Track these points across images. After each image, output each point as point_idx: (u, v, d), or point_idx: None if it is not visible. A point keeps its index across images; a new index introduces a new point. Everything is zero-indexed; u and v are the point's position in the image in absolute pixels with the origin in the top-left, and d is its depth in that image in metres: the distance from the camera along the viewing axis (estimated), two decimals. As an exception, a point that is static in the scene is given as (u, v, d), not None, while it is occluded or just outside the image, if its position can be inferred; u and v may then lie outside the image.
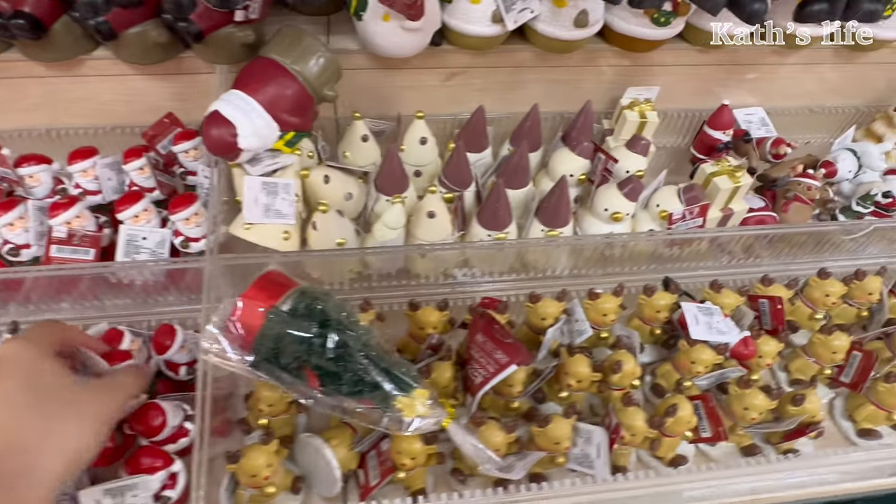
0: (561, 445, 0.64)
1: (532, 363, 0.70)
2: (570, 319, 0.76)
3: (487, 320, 0.71)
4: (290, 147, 0.70)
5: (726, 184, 0.76)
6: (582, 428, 0.67)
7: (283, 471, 0.64)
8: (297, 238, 0.71)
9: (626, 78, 0.91)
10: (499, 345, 0.67)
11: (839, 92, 0.99)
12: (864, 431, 0.75)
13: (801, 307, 0.83)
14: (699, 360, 0.71)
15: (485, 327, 0.69)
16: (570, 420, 0.65)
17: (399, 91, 0.85)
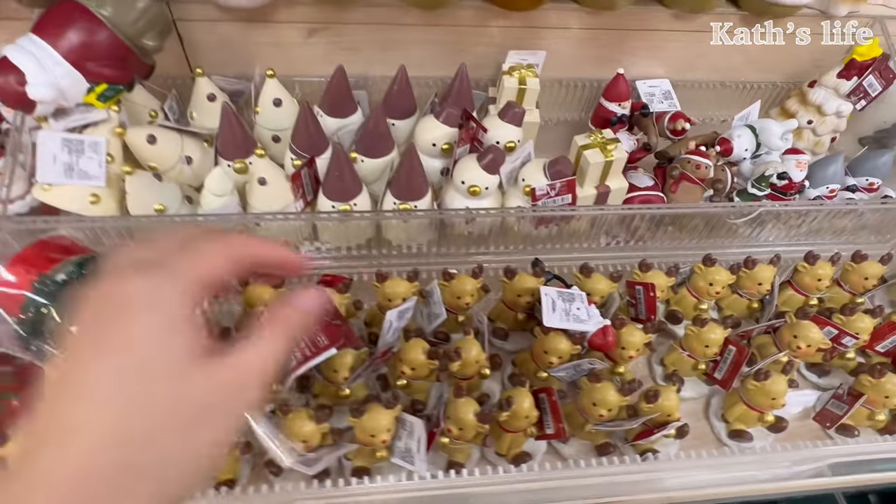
0: (377, 438, 0.58)
1: (360, 347, 0.64)
2: (428, 302, 0.70)
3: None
4: (103, 101, 0.64)
5: (597, 157, 0.69)
6: (406, 420, 0.61)
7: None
8: (113, 203, 0.65)
9: (518, 41, 0.83)
10: (323, 327, 0.61)
11: (756, 65, 0.91)
12: (735, 433, 0.69)
13: (686, 296, 0.76)
14: (553, 350, 0.65)
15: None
16: (392, 411, 0.59)
17: (258, 47, 0.78)
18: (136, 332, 0.25)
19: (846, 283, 0.78)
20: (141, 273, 0.26)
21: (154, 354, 0.25)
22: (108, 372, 0.25)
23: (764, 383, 0.65)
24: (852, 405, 0.68)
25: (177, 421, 0.25)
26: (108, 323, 0.26)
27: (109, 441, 0.24)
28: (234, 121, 0.68)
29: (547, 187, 0.68)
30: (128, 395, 0.24)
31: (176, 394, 0.25)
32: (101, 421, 0.24)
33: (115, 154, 0.65)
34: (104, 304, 0.26)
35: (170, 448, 0.25)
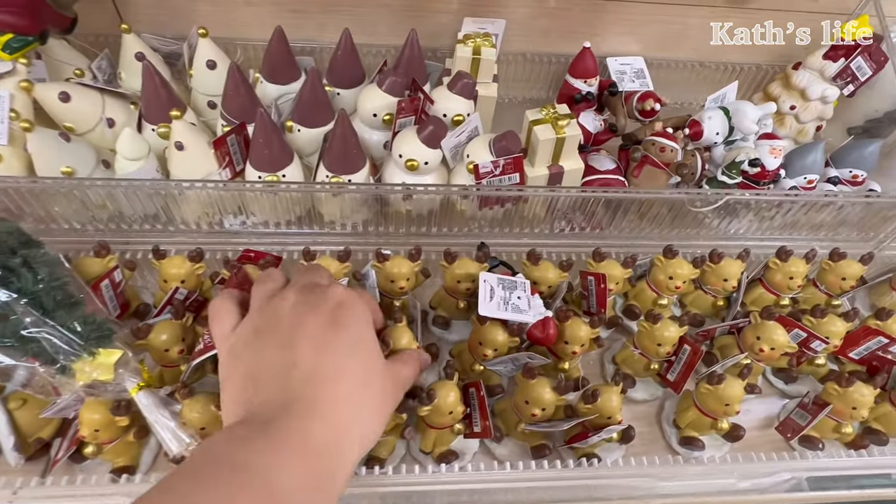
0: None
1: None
2: (363, 285, 0.65)
3: (239, 277, 0.59)
4: (8, 52, 0.59)
5: (547, 134, 0.63)
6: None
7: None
8: (17, 163, 0.60)
9: (479, 9, 0.77)
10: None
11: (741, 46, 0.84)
12: (686, 440, 0.63)
13: (644, 290, 0.70)
14: (488, 341, 0.60)
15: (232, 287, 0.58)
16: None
17: (198, 6, 0.73)
18: (352, 328, 0.42)
19: (822, 282, 0.72)
20: (344, 288, 0.45)
21: (364, 340, 0.43)
22: (343, 358, 0.40)
23: (717, 387, 0.59)
24: (817, 416, 0.62)
25: (373, 394, 0.41)
26: (331, 319, 0.41)
27: (352, 400, 0.39)
28: (156, 80, 0.63)
29: (491, 165, 0.62)
30: (358, 378, 0.40)
31: (376, 378, 0.42)
32: (346, 397, 0.39)
33: (22, 110, 0.60)
34: (321, 304, 0.42)
35: (371, 419, 0.41)
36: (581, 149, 0.73)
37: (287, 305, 0.41)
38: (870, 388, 0.61)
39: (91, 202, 0.62)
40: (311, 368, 0.38)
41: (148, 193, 0.61)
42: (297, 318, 0.40)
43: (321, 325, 0.40)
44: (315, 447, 0.35)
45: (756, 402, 0.69)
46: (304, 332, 0.39)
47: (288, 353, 0.38)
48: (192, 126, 0.63)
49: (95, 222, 0.65)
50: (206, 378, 0.63)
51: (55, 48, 0.68)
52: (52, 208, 0.63)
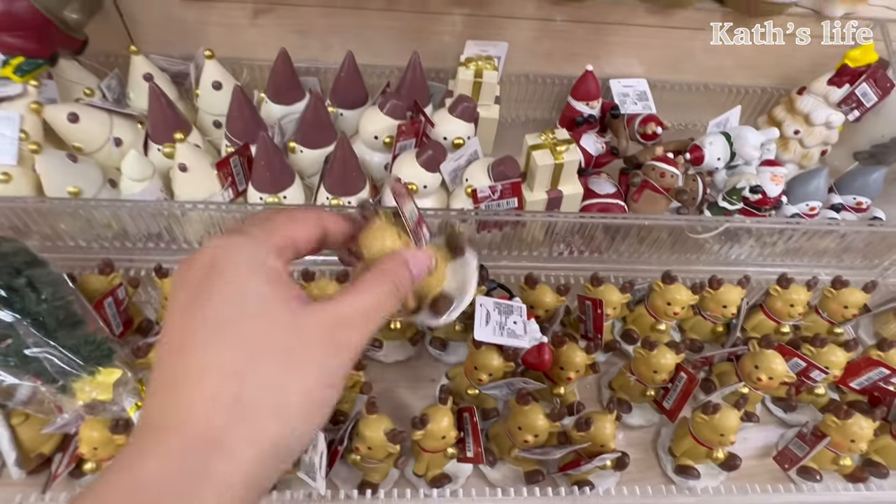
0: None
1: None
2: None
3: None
4: (20, 75, 0.60)
5: (546, 159, 0.63)
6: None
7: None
8: (27, 182, 0.62)
9: (483, 31, 0.78)
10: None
11: (747, 68, 0.84)
12: (681, 468, 0.63)
13: (643, 315, 0.70)
14: (483, 366, 0.60)
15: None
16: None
17: (205, 27, 0.75)
18: (223, 295, 0.27)
19: (824, 310, 0.71)
20: (221, 238, 0.29)
21: (245, 311, 0.27)
22: (207, 323, 0.27)
23: (712, 417, 0.58)
24: (814, 447, 0.61)
25: (270, 360, 0.27)
26: (200, 281, 0.28)
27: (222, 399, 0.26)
28: (163, 101, 0.65)
29: (489, 189, 0.62)
30: (226, 342, 0.27)
31: (266, 336, 0.27)
32: (209, 401, 0.26)
33: (31, 132, 0.61)
34: (193, 267, 0.29)
35: (264, 388, 0.26)
36: (582, 171, 0.73)
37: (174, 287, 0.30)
38: (869, 421, 0.60)
39: (96, 221, 0.63)
40: (170, 369, 0.27)
41: (152, 214, 0.62)
42: (170, 303, 0.29)
43: (182, 307, 0.28)
44: (151, 491, 0.24)
45: (754, 430, 0.68)
46: (168, 323, 0.28)
47: (158, 354, 0.29)
48: (196, 148, 0.64)
49: (100, 240, 0.66)
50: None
51: (66, 68, 0.69)
52: (59, 226, 0.64)
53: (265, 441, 0.26)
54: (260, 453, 0.26)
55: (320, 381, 0.28)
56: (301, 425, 0.27)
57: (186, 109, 0.75)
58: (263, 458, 0.26)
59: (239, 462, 0.25)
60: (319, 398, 0.28)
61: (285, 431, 0.27)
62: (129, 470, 0.25)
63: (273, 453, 0.26)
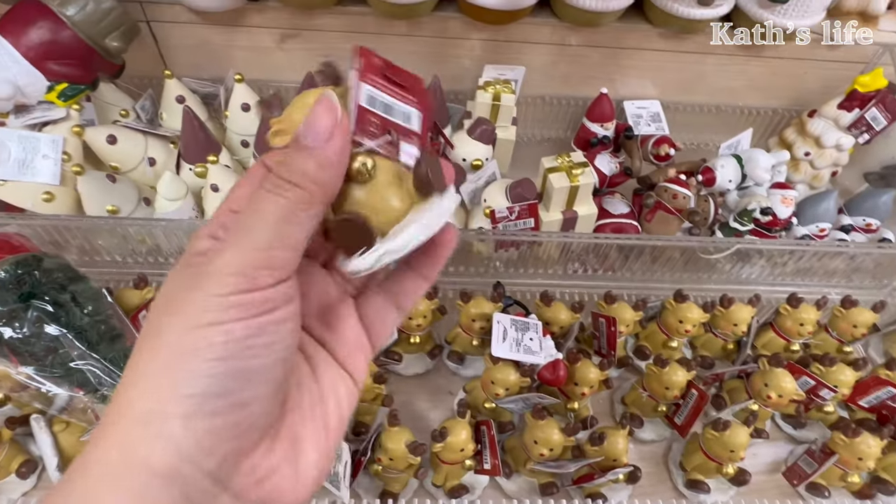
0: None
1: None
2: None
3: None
4: (63, 100, 0.64)
5: (562, 182, 0.65)
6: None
7: (15, 450, 0.59)
8: (68, 201, 0.65)
9: (501, 55, 0.81)
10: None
11: (758, 90, 0.86)
12: (692, 483, 0.65)
13: (655, 332, 0.72)
14: (500, 381, 0.62)
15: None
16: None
17: (234, 51, 0.78)
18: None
19: (834, 329, 0.73)
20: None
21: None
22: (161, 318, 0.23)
23: (722, 434, 0.60)
24: (823, 464, 0.63)
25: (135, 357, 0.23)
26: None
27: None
28: (195, 124, 0.68)
29: (507, 210, 0.65)
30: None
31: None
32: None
33: (73, 153, 0.65)
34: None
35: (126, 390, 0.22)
36: (596, 191, 0.75)
37: None
38: (877, 440, 0.62)
39: (132, 237, 0.67)
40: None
41: (185, 231, 0.65)
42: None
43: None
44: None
45: (764, 445, 0.70)
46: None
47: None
48: (226, 168, 0.67)
49: (135, 255, 0.69)
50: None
51: (103, 91, 0.73)
52: (97, 242, 0.68)
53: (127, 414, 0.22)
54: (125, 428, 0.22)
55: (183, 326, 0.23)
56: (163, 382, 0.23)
57: (215, 129, 0.78)
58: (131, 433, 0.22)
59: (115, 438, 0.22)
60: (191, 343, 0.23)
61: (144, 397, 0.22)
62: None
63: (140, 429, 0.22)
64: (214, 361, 0.21)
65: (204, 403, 0.21)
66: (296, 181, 0.23)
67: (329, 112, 0.23)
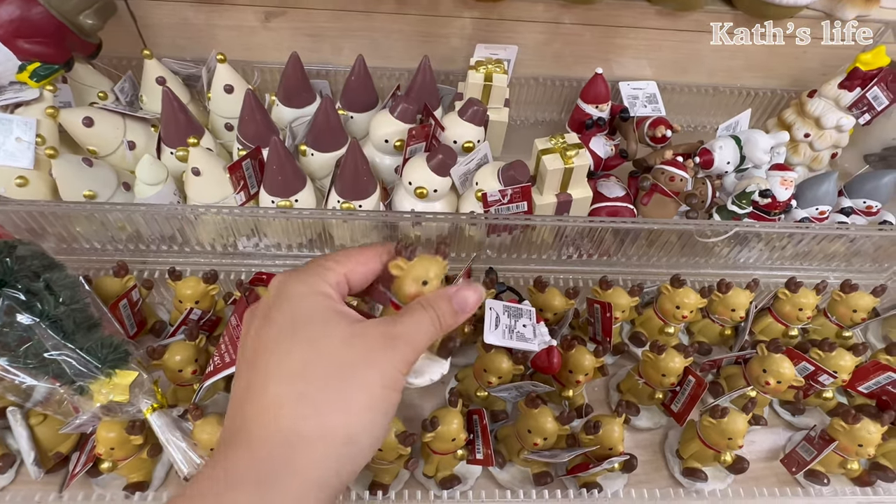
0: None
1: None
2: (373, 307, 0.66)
3: (251, 300, 0.61)
4: (36, 80, 0.61)
5: (556, 164, 0.63)
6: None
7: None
8: (43, 186, 0.63)
9: (493, 34, 0.78)
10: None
11: (756, 70, 0.84)
12: (689, 471, 0.63)
13: (652, 318, 0.70)
14: (493, 369, 0.61)
15: (243, 309, 0.60)
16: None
17: (217, 30, 0.75)
18: (286, 305, 0.32)
19: (833, 314, 0.72)
20: (283, 274, 0.34)
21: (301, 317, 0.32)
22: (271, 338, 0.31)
23: (720, 421, 0.59)
24: (822, 451, 0.62)
25: (330, 361, 0.30)
26: (269, 307, 0.33)
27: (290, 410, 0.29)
28: (176, 107, 0.65)
29: (499, 193, 0.63)
30: (288, 349, 0.31)
31: (324, 342, 0.31)
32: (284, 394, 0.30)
33: (47, 135, 0.62)
34: (262, 300, 0.34)
35: (326, 386, 0.30)
36: (591, 174, 0.73)
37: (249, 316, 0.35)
38: (877, 426, 0.60)
39: (111, 224, 0.64)
40: (244, 388, 0.31)
41: (165, 217, 0.63)
42: (244, 328, 0.35)
43: (256, 330, 0.33)
44: (240, 482, 0.28)
45: (762, 432, 0.69)
46: (242, 342, 0.34)
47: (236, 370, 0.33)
48: (208, 152, 0.64)
49: (115, 242, 0.67)
50: (217, 395, 0.65)
51: (80, 72, 0.70)
52: (74, 229, 0.65)
53: (333, 434, 0.29)
54: (329, 447, 0.29)
55: (379, 381, 0.31)
56: (366, 420, 0.30)
57: (198, 112, 0.75)
58: (333, 452, 0.29)
59: (310, 456, 0.29)
60: (381, 396, 0.31)
61: (351, 424, 0.30)
62: (216, 469, 0.29)
63: (342, 448, 0.29)
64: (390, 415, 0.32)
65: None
66: (447, 325, 0.34)
67: (478, 300, 0.35)
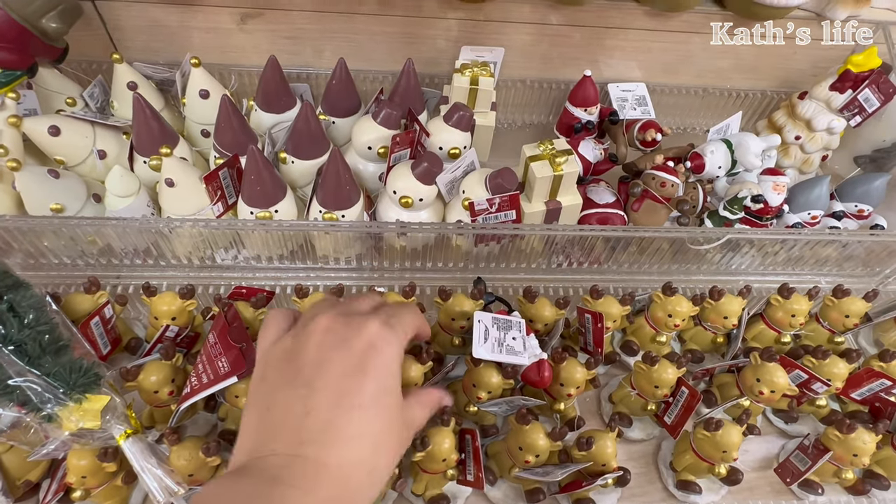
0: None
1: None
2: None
3: (229, 316, 0.59)
4: (-3, 87, 0.58)
5: (545, 171, 0.61)
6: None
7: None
8: (8, 200, 0.59)
9: (479, 36, 0.76)
10: (226, 350, 0.55)
11: (746, 71, 0.82)
12: (683, 483, 0.62)
13: (643, 326, 0.69)
14: (482, 384, 0.59)
15: (222, 326, 0.58)
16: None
17: (191, 33, 0.72)
18: (380, 377, 0.38)
19: (825, 319, 0.71)
20: (381, 323, 0.40)
21: (388, 390, 0.39)
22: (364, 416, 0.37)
23: (715, 434, 0.57)
24: (816, 460, 0.61)
25: (390, 443, 0.39)
26: (359, 364, 0.38)
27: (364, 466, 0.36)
28: (148, 114, 0.62)
29: (486, 202, 0.61)
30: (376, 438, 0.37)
31: (395, 423, 0.39)
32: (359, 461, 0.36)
33: (10, 146, 0.59)
34: (351, 341, 0.38)
35: (381, 479, 0.38)
36: (580, 180, 0.71)
37: (317, 335, 0.39)
38: (871, 435, 0.60)
39: (81, 238, 0.61)
40: (325, 422, 0.35)
41: (138, 230, 0.60)
42: (322, 354, 0.38)
43: (346, 370, 0.37)
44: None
45: (755, 441, 0.68)
46: (325, 374, 0.37)
47: (304, 396, 0.36)
48: (183, 161, 0.62)
49: (86, 257, 0.64)
50: (197, 415, 0.62)
51: (46, 77, 0.67)
52: (42, 244, 0.62)
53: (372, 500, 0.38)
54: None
55: (398, 458, 0.40)
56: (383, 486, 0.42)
57: (173, 118, 0.72)
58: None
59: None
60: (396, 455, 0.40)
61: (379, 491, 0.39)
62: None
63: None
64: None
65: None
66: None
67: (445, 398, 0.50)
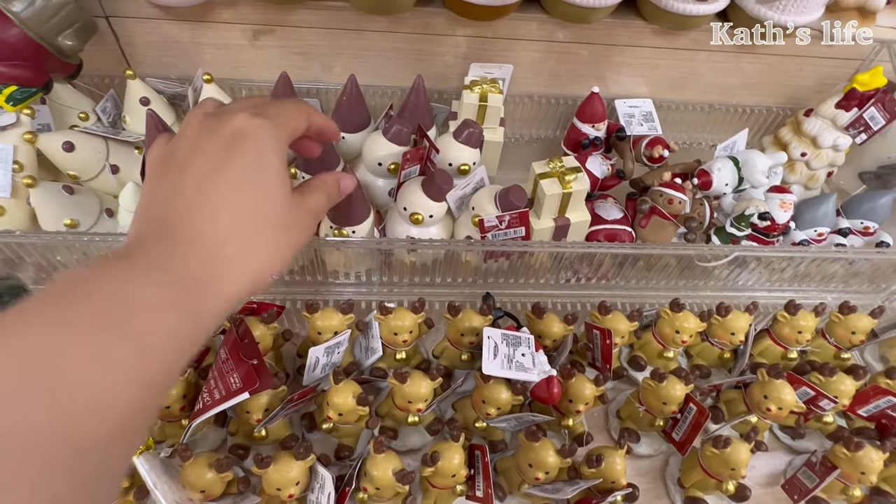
0: (284, 492, 0.53)
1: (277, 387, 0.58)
2: (366, 335, 0.65)
3: (240, 332, 0.59)
4: (12, 104, 0.59)
5: (554, 188, 0.62)
6: (319, 472, 0.55)
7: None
8: (23, 215, 0.60)
9: (488, 52, 0.77)
10: (237, 365, 0.56)
11: (753, 88, 0.83)
12: (690, 500, 0.62)
13: (650, 342, 0.69)
14: (491, 400, 0.59)
15: (233, 342, 0.58)
16: (304, 461, 0.53)
17: (203, 49, 0.73)
18: (248, 157, 0.36)
19: (831, 335, 0.71)
20: (250, 114, 0.37)
21: (259, 168, 0.37)
22: (228, 190, 0.36)
23: (723, 451, 0.58)
24: (824, 477, 0.61)
25: (267, 227, 0.37)
26: (225, 147, 0.36)
27: (234, 242, 0.35)
28: (161, 129, 0.63)
29: (496, 219, 0.61)
30: (246, 211, 0.36)
31: (272, 209, 0.38)
32: (227, 230, 0.35)
33: (25, 162, 0.60)
34: (217, 130, 0.37)
35: (264, 252, 0.37)
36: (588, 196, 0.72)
37: (189, 131, 0.38)
38: (879, 453, 0.60)
39: (93, 253, 0.62)
40: (190, 200, 0.35)
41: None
42: (193, 145, 0.37)
43: (212, 153, 0.36)
44: (180, 275, 0.32)
45: (762, 457, 0.68)
46: (193, 163, 0.37)
47: (174, 183, 0.36)
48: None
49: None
50: (207, 430, 0.63)
51: (60, 93, 0.67)
52: (54, 258, 0.62)
53: (258, 280, 0.37)
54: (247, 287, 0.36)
55: (294, 242, 0.39)
56: (276, 269, 0.38)
57: (184, 132, 0.73)
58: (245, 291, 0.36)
59: (239, 283, 0.35)
60: (289, 253, 0.39)
61: (270, 272, 0.38)
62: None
63: (251, 288, 0.37)
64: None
65: None
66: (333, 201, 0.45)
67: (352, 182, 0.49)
